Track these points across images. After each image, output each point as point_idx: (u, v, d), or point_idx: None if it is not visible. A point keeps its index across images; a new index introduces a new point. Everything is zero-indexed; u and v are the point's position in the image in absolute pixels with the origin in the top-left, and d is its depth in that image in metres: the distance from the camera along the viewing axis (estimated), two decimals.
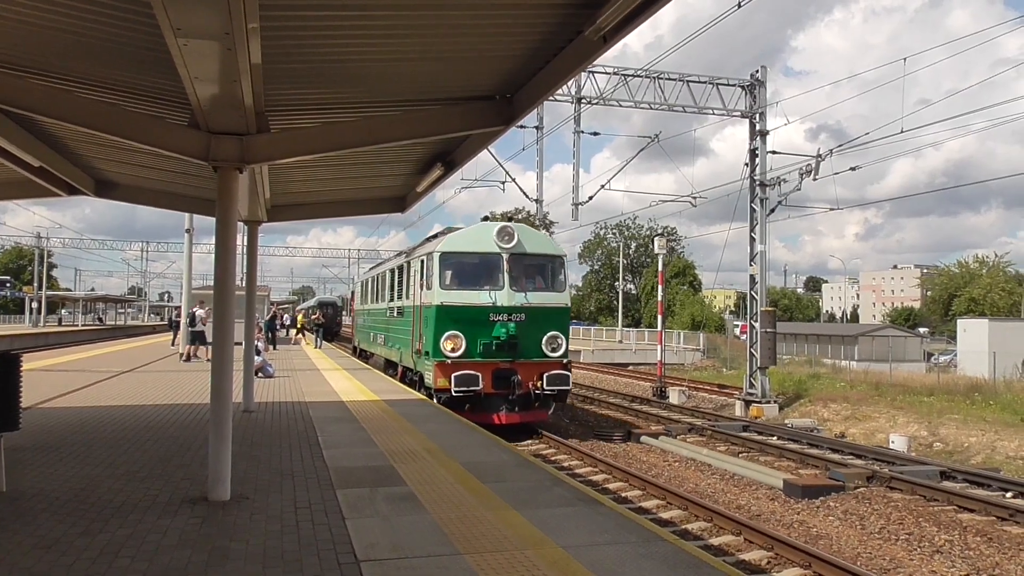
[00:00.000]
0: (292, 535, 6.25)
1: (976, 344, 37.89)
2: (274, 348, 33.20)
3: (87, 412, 13.11)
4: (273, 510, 7.01)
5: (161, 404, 14.45)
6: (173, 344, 35.13)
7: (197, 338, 26.32)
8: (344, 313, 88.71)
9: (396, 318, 23.79)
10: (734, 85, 29.32)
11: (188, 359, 26.03)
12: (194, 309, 26.29)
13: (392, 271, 25.33)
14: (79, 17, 5.90)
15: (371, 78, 7.89)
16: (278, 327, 41.14)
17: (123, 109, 8.17)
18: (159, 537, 6.12)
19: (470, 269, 19.18)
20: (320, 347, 38.57)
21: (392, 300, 24.80)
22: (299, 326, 47.28)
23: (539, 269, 20.02)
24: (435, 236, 21.97)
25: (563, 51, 7.02)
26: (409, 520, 6.70)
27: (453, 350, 18.26)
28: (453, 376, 17.68)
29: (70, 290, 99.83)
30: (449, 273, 19.13)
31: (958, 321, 48.70)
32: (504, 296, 18.64)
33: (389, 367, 25.74)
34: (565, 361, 19.25)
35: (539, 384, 18.58)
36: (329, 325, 54.83)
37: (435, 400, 17.20)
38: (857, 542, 11.44)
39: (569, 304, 20.37)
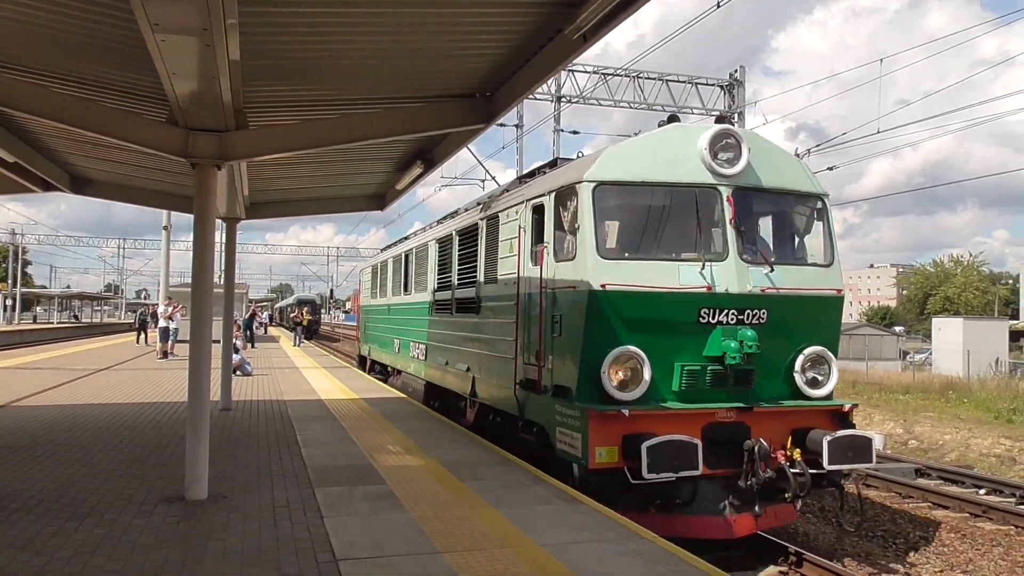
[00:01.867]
0: (270, 534, 6.23)
1: (951, 343, 38.33)
2: (252, 346, 33.04)
3: (62, 411, 12.98)
4: (251, 509, 6.97)
5: (137, 403, 14.33)
6: (138, 343, 35.08)
7: (162, 334, 26.83)
8: (323, 311, 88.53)
9: (457, 318, 13.52)
10: (713, 85, 29.50)
11: (164, 356, 25.93)
12: (157, 306, 26.85)
13: (443, 241, 14.85)
14: (56, 12, 5.85)
15: (351, 75, 7.88)
16: (256, 325, 40.91)
17: (100, 105, 8.10)
18: (135, 536, 6.07)
19: (655, 217, 9.51)
20: (299, 345, 38.40)
21: (442, 289, 14.65)
22: (304, 323, 44.06)
23: (785, 220, 10.18)
24: (552, 164, 11.67)
25: (543, 50, 7.04)
26: (388, 518, 6.69)
27: (624, 384, 8.69)
28: (645, 447, 8.02)
29: (45, 287, 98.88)
30: (614, 226, 9.71)
31: (933, 320, 49.29)
32: (730, 273, 8.98)
33: (432, 397, 15.93)
34: (846, 407, 9.59)
35: (792, 454, 9.00)
36: (308, 324, 54.61)
37: (573, 482, 8.75)
38: (833, 539, 11.54)
39: (843, 290, 10.05)
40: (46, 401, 14.23)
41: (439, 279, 14.94)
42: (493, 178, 34.71)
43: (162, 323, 27.36)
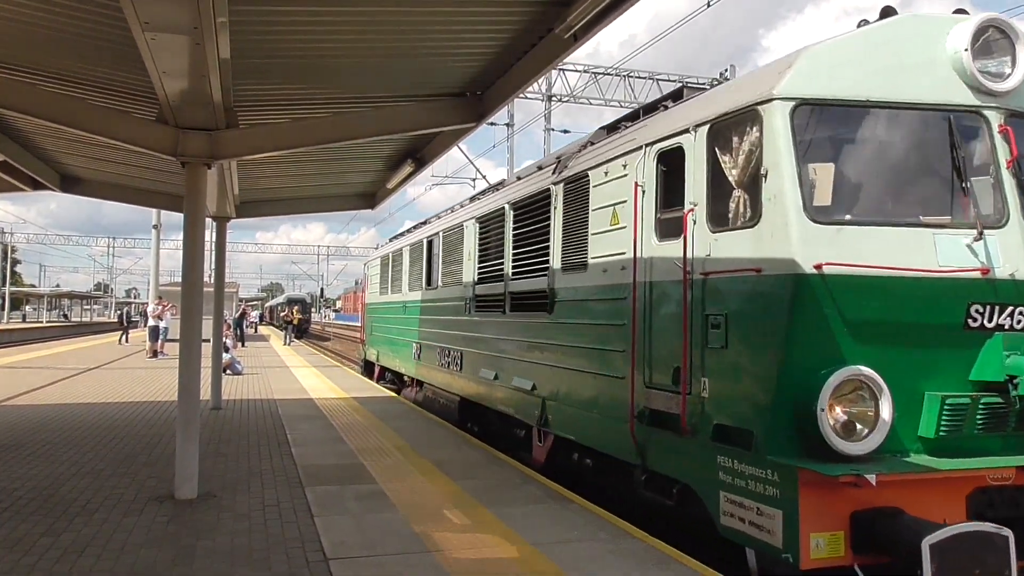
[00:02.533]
0: (260, 533, 6.21)
1: None
2: (243, 345, 32.98)
3: (51, 410, 12.92)
4: (241, 508, 6.96)
5: (127, 402, 14.28)
6: (120, 343, 35.01)
7: (151, 333, 26.86)
8: (313, 310, 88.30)
9: (513, 318, 10.25)
10: (703, 84, 29.61)
11: (154, 355, 25.89)
12: (147, 305, 26.92)
13: (486, 220, 11.61)
14: (45, 10, 5.82)
15: (341, 74, 7.87)
16: (247, 324, 40.88)
17: (90, 104, 8.08)
18: (125, 536, 6.05)
19: (888, 156, 6.10)
20: (290, 344, 38.34)
21: (487, 280, 11.35)
22: (295, 322, 44.99)
23: None
24: (677, 95, 8.06)
25: (533, 49, 7.06)
26: (378, 518, 6.68)
27: (851, 428, 5.36)
28: (928, 545, 4.79)
29: (35, 286, 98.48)
30: (825, 172, 5.81)
31: None
32: (1015, 247, 5.72)
33: (471, 418, 12.69)
34: None
35: None
36: (299, 323, 54.62)
37: None
38: None
39: None
40: (35, 400, 14.16)
41: (481, 269, 11.64)
42: (484, 177, 34.72)
43: (151, 322, 27.31)
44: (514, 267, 10.26)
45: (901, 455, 5.57)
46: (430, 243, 14.98)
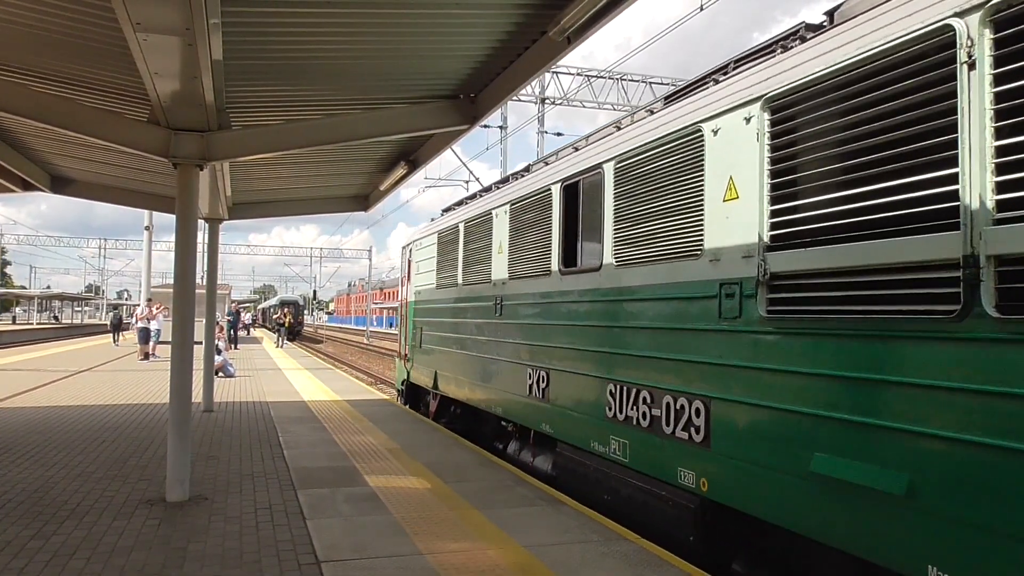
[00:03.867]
0: (252, 536, 6.20)
1: None
2: (235, 347, 32.92)
3: (42, 412, 12.87)
4: (232, 511, 6.94)
5: (119, 404, 14.23)
6: (115, 344, 35.02)
7: (141, 335, 26.82)
8: (306, 313, 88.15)
9: None
10: None
11: (146, 358, 25.82)
12: (136, 307, 26.94)
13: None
14: (36, 10, 5.80)
15: (334, 76, 7.85)
16: (239, 327, 40.83)
17: (81, 104, 8.05)
18: (115, 539, 6.03)
19: None
20: (282, 347, 38.29)
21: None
22: (287, 324, 45.78)
23: None
24: None
25: (527, 51, 7.06)
26: (370, 520, 6.67)
27: None
28: None
29: (25, 288, 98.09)
30: None
31: None
32: None
33: (748, 549, 5.87)
34: None
35: None
36: (291, 325, 54.68)
37: None
38: None
39: None
40: (26, 403, 14.10)
41: (782, 214, 5.11)
42: (477, 179, 34.74)
43: (140, 324, 27.19)
44: None
45: None
46: (569, 191, 8.54)
